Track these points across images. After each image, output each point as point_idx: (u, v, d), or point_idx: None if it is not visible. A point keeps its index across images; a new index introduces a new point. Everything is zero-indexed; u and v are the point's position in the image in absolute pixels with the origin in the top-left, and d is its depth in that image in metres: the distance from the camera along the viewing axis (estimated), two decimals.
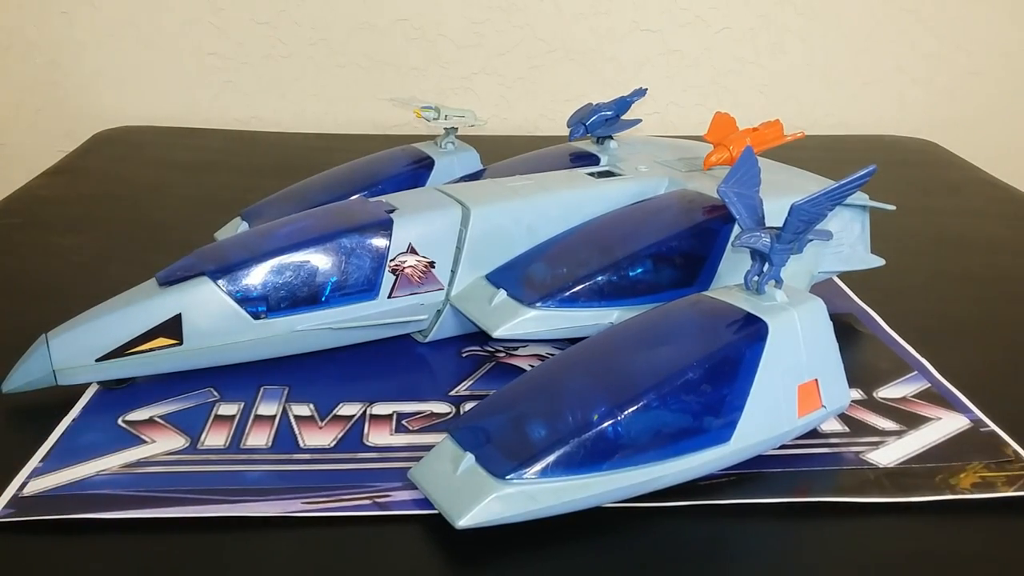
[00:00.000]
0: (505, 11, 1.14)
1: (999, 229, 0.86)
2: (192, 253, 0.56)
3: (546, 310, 0.55)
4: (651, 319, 0.50)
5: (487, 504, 0.42)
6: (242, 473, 0.47)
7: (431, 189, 0.63)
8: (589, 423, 0.43)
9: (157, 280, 0.54)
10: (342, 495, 0.45)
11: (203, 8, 1.12)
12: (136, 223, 0.82)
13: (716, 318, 0.48)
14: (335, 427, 0.51)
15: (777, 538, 0.44)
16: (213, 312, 0.53)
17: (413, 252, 0.57)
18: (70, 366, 0.51)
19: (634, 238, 0.59)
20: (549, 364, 0.49)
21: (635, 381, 0.45)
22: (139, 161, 1.01)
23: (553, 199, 0.62)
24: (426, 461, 0.45)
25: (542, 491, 0.42)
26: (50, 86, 1.14)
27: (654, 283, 0.57)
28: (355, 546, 0.43)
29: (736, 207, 0.49)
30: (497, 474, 0.42)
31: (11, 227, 0.80)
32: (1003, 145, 1.21)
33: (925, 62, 1.20)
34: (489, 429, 0.45)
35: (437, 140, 0.77)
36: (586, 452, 0.43)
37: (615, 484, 0.43)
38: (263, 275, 0.54)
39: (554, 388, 0.46)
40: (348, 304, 0.56)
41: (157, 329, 0.52)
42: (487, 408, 0.47)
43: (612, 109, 0.75)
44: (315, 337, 0.56)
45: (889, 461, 0.49)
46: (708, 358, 0.46)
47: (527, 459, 0.42)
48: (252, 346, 0.54)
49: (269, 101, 1.16)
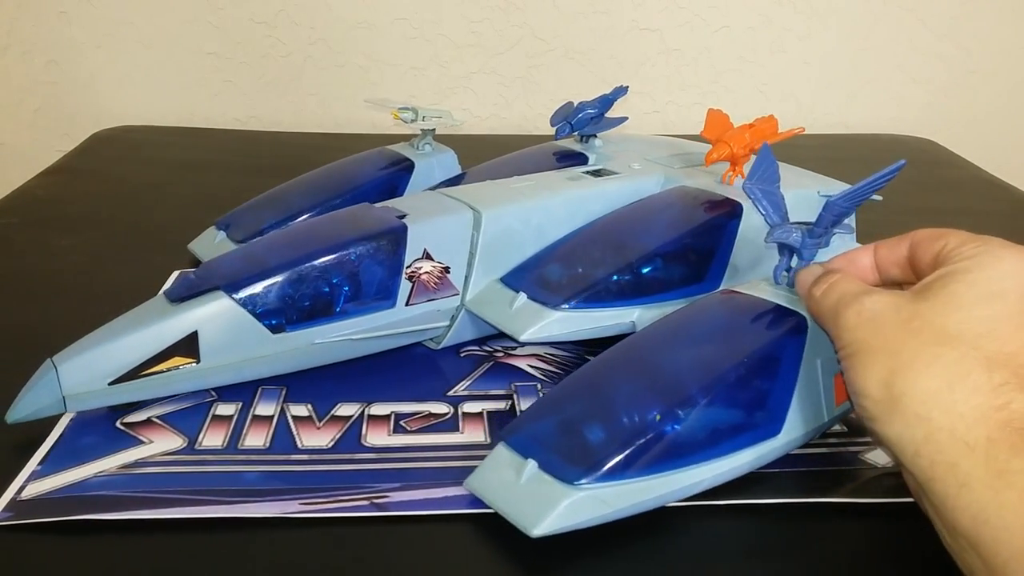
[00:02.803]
0: (504, 10, 1.14)
1: (999, 229, 0.86)
2: (200, 267, 0.54)
3: (569, 311, 0.55)
4: (687, 317, 0.50)
5: (561, 511, 0.42)
6: (240, 474, 0.46)
7: (433, 193, 0.62)
8: (650, 424, 0.43)
9: (167, 297, 0.51)
10: (340, 496, 0.45)
11: (202, 8, 1.12)
12: (135, 223, 0.82)
13: (756, 314, 0.48)
14: (333, 427, 0.51)
15: (776, 538, 0.44)
16: (230, 327, 0.51)
17: (428, 258, 0.56)
18: (81, 392, 0.48)
19: (649, 236, 0.59)
20: (593, 366, 0.49)
21: (688, 380, 0.45)
22: (138, 161, 1.01)
23: (559, 199, 0.62)
24: (482, 470, 0.45)
25: (612, 494, 0.42)
26: (48, 86, 1.14)
27: (671, 280, 0.58)
28: (353, 547, 0.43)
29: (761, 203, 0.50)
30: (566, 480, 0.42)
31: (9, 227, 0.80)
32: (1003, 144, 1.21)
33: (925, 61, 1.20)
34: (545, 434, 0.45)
35: (413, 142, 0.76)
36: (650, 453, 0.43)
37: (678, 484, 0.44)
38: (280, 287, 0.52)
39: (605, 390, 0.46)
40: (366, 314, 0.55)
41: (173, 348, 0.50)
42: (538, 413, 0.47)
43: (596, 107, 0.74)
44: (334, 349, 0.55)
45: (887, 461, 0.49)
46: (756, 354, 0.46)
47: (594, 463, 0.42)
48: (270, 361, 0.53)
49: (268, 100, 1.16)
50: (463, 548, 0.43)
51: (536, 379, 0.56)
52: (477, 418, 0.52)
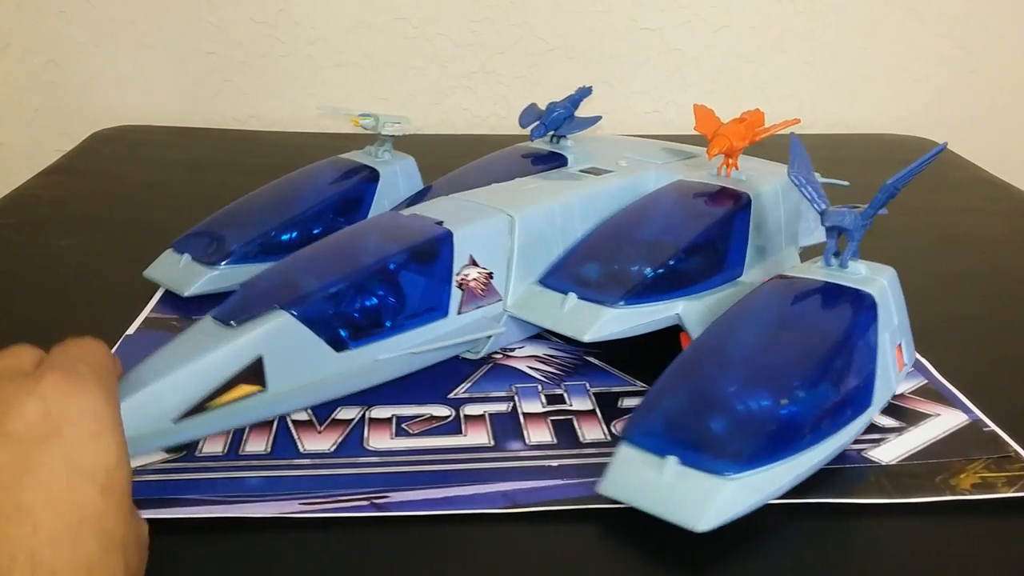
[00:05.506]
0: (504, 10, 1.13)
1: (999, 228, 0.86)
2: (243, 286, 0.51)
3: (624, 308, 0.55)
4: (765, 307, 0.52)
5: (720, 503, 0.42)
6: (241, 480, 0.46)
7: (454, 198, 0.61)
8: (778, 409, 0.45)
9: (218, 320, 0.47)
10: (340, 496, 0.45)
11: (201, 7, 1.12)
12: (134, 223, 0.82)
13: (829, 297, 0.51)
14: (334, 431, 0.50)
15: (780, 538, 0.44)
16: (296, 349, 0.48)
17: (474, 264, 0.56)
18: (145, 432, 0.43)
19: (681, 230, 0.60)
20: (689, 360, 0.50)
21: (799, 364, 0.47)
22: (137, 161, 1.00)
23: (576, 198, 0.62)
24: (615, 473, 0.45)
25: (760, 480, 0.43)
26: (48, 85, 1.14)
27: (707, 270, 0.59)
28: (353, 548, 0.42)
29: (807, 190, 0.54)
30: (716, 471, 0.43)
31: (8, 227, 0.80)
32: (1003, 144, 1.21)
33: (925, 60, 1.19)
34: (674, 430, 0.45)
35: (370, 149, 0.74)
36: (784, 437, 0.45)
37: (808, 462, 0.45)
38: (340, 303, 0.50)
39: (717, 382, 0.47)
40: (422, 326, 0.53)
41: (239, 376, 0.46)
42: (653, 410, 0.47)
43: (567, 108, 0.74)
44: (395, 364, 0.53)
45: (891, 458, 0.49)
46: (848, 333, 0.49)
47: (740, 453, 0.43)
48: (335, 382, 0.50)
49: (267, 100, 1.16)
50: (468, 548, 0.43)
51: (536, 380, 0.56)
52: (479, 420, 0.52)
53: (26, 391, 0.34)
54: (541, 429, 0.51)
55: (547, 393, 0.55)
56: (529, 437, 0.51)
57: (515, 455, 0.49)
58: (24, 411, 0.33)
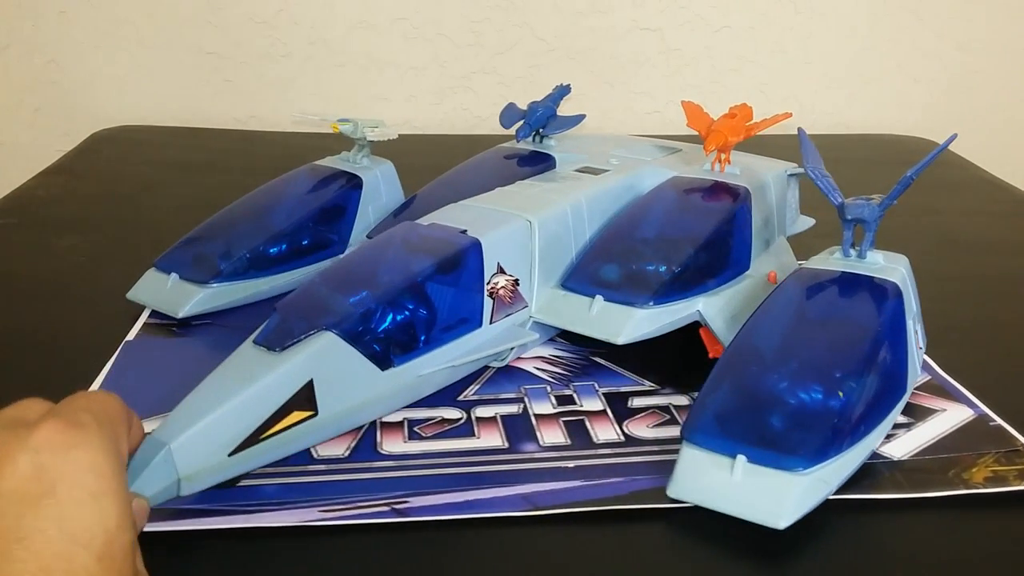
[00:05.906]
0: (504, 10, 1.13)
1: (999, 228, 0.87)
2: (276, 308, 0.49)
3: (651, 308, 0.55)
4: (795, 302, 0.53)
5: (796, 498, 0.43)
6: (257, 487, 0.46)
7: (466, 205, 0.60)
8: (835, 401, 0.46)
9: (262, 345, 0.46)
10: (360, 502, 0.45)
11: (201, 7, 1.11)
12: (134, 223, 0.82)
13: (858, 289, 0.53)
14: (347, 436, 0.50)
15: (798, 534, 0.44)
16: (344, 370, 0.47)
17: (502, 272, 0.56)
18: (201, 469, 0.42)
19: (694, 227, 0.60)
20: (733, 360, 0.50)
21: (846, 357, 0.48)
22: (137, 161, 1.00)
23: (583, 198, 0.62)
24: (682, 475, 0.45)
25: (827, 473, 0.44)
26: (48, 85, 1.13)
27: (721, 266, 0.60)
28: (374, 554, 0.42)
29: (823, 183, 0.55)
30: (787, 468, 0.44)
31: (8, 227, 0.79)
32: (1003, 144, 1.21)
33: (925, 61, 1.20)
34: (732, 428, 0.45)
35: (346, 155, 0.72)
36: (844, 429, 0.46)
37: (864, 452, 0.47)
38: (383, 320, 0.49)
39: (768, 379, 0.48)
40: (459, 338, 0.53)
41: (291, 403, 0.45)
42: (710, 410, 0.47)
43: (549, 107, 0.74)
44: (436, 379, 0.52)
45: (902, 453, 0.50)
46: (884, 324, 0.51)
47: (809, 449, 0.44)
48: (381, 401, 0.50)
49: (268, 100, 1.15)
50: (491, 552, 0.43)
51: (545, 381, 0.56)
52: (491, 422, 0.52)
53: (19, 443, 0.31)
54: (554, 430, 0.51)
55: (556, 394, 0.55)
56: (543, 438, 0.51)
57: (530, 456, 0.49)
58: (16, 467, 0.31)
